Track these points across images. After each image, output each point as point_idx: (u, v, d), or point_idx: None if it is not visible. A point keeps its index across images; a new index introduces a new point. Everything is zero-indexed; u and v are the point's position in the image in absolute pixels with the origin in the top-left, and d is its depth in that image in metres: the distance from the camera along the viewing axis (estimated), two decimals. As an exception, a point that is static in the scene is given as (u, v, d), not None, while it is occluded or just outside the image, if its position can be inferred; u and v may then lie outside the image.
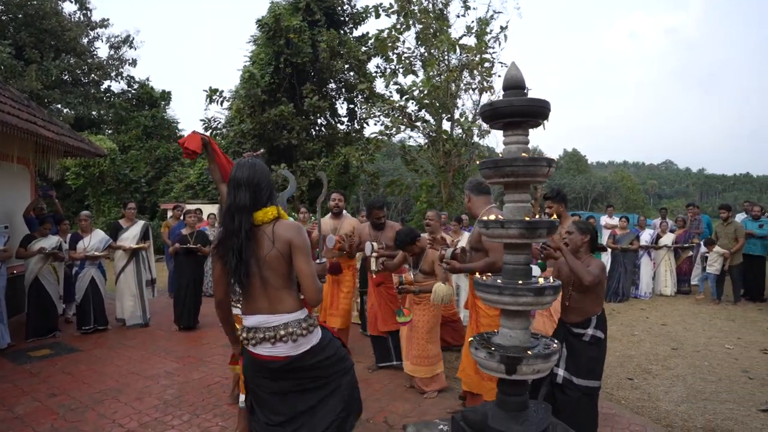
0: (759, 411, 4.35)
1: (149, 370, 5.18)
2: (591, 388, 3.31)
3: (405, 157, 16.39)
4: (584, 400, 3.29)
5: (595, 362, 3.30)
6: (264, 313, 2.33)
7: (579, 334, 3.34)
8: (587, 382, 3.28)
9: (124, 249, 6.91)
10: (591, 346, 3.31)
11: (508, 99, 2.43)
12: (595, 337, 3.30)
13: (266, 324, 2.31)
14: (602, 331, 3.33)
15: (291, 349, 2.31)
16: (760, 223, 9.49)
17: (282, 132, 14.84)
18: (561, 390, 3.35)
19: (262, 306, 2.33)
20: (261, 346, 2.30)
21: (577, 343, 3.34)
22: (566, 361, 3.35)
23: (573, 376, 3.31)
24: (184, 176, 18.05)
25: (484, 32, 14.82)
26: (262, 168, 2.42)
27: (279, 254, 2.27)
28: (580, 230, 3.44)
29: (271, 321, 2.31)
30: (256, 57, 15.31)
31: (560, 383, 3.36)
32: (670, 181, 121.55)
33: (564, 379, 3.35)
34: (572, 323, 3.39)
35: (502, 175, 2.43)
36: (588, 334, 3.31)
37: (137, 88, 23.96)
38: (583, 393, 3.29)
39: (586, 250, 3.45)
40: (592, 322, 3.32)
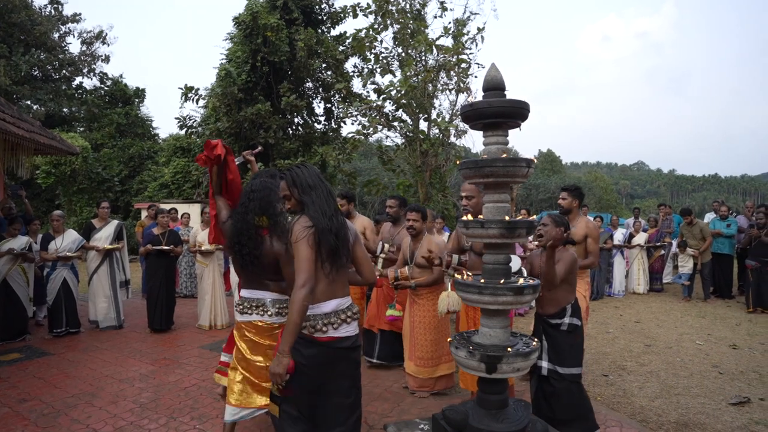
0: (729, 405, 4.47)
1: (124, 373, 5.08)
2: (575, 375, 3.38)
3: (382, 157, 16.38)
4: (573, 387, 3.35)
5: (576, 349, 3.40)
6: (340, 297, 2.48)
7: (556, 325, 3.40)
8: (572, 369, 3.36)
9: (98, 249, 6.77)
10: (569, 334, 3.39)
11: (488, 100, 2.46)
12: (572, 324, 3.38)
13: (343, 305, 2.48)
14: (578, 318, 3.43)
15: (354, 329, 2.51)
16: (727, 222, 9.75)
17: (259, 131, 14.70)
18: (548, 382, 3.40)
19: (339, 290, 2.48)
20: (342, 327, 2.43)
21: (556, 333, 3.41)
22: (548, 352, 3.41)
23: (557, 366, 3.37)
24: (159, 175, 17.78)
25: (461, 33, 14.91)
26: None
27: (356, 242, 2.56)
28: (556, 222, 3.44)
29: (345, 303, 2.50)
30: (232, 55, 15.14)
31: (546, 375, 3.41)
32: (642, 182, 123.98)
33: (549, 370, 3.39)
34: (548, 314, 3.46)
35: (482, 176, 2.45)
36: (565, 323, 3.38)
37: (110, 85, 23.51)
38: (570, 381, 3.35)
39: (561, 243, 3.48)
40: (567, 310, 3.40)
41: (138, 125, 22.67)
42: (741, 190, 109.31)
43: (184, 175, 16.73)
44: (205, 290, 7.06)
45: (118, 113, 22.06)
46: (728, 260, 9.83)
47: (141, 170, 19.46)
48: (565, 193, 4.71)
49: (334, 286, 2.45)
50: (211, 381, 4.82)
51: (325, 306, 2.42)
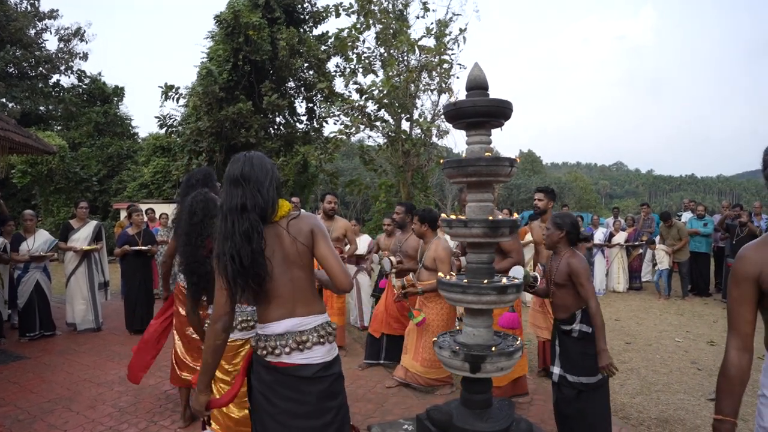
0: (708, 400, 4.56)
1: (102, 376, 5.00)
2: (586, 385, 3.20)
3: (363, 157, 16.38)
4: (584, 397, 3.18)
5: (586, 358, 3.20)
6: (299, 316, 2.11)
7: (567, 331, 3.28)
8: (581, 378, 3.19)
9: (75, 250, 6.63)
10: (579, 341, 3.24)
11: (471, 99, 2.45)
12: (582, 332, 3.24)
13: (300, 327, 2.10)
14: (589, 325, 3.24)
15: (326, 353, 2.12)
16: (704, 222, 9.93)
17: (240, 130, 14.55)
18: (558, 389, 3.30)
19: (297, 308, 2.11)
20: (294, 354, 2.07)
21: (567, 339, 3.29)
22: (560, 358, 3.31)
23: (567, 374, 3.25)
24: (138, 175, 17.53)
25: (443, 34, 14.97)
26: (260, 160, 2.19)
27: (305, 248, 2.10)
28: (556, 225, 3.34)
29: (303, 324, 2.10)
30: (213, 53, 14.95)
31: (556, 381, 3.31)
32: (620, 182, 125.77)
33: (559, 377, 3.29)
34: (560, 320, 3.36)
35: (465, 175, 2.45)
36: (575, 329, 3.24)
37: (88, 83, 23.04)
38: (580, 390, 3.19)
39: (565, 244, 3.34)
40: (577, 316, 3.26)
41: (117, 124, 22.26)
42: (717, 190, 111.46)
43: (164, 175, 16.52)
44: (186, 291, 6.97)
45: (96, 112, 21.64)
46: (705, 258, 10.04)
47: (120, 170, 19.15)
48: (540, 194, 4.82)
49: (289, 304, 2.10)
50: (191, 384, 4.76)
51: (276, 326, 2.10)
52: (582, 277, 3.13)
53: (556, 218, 3.38)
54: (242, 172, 2.10)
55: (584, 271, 3.17)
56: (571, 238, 3.34)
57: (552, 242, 3.34)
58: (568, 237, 3.33)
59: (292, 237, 2.09)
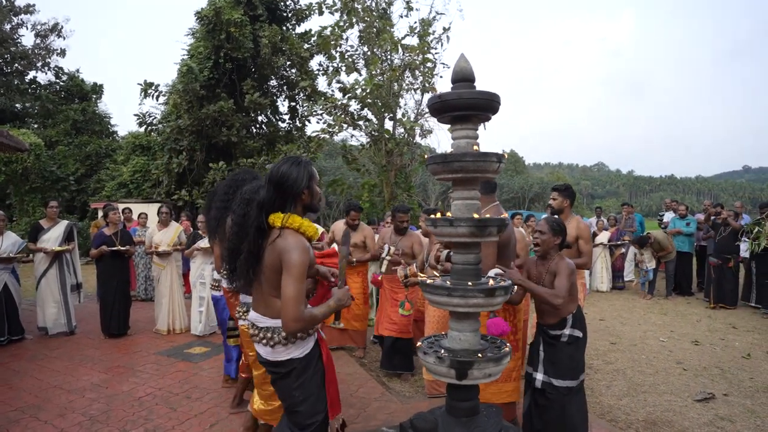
0: (694, 401, 4.52)
1: (74, 383, 4.79)
2: (570, 388, 3.17)
3: (346, 156, 16.27)
4: (567, 400, 3.15)
5: (573, 360, 3.19)
6: (257, 312, 2.38)
7: (556, 336, 3.21)
8: (567, 382, 3.16)
9: (46, 251, 6.38)
10: (569, 345, 3.19)
11: (457, 91, 2.34)
12: (573, 336, 3.20)
13: (257, 322, 2.37)
14: (580, 330, 3.23)
15: (269, 353, 2.33)
16: (687, 221, 9.97)
17: (221, 129, 14.34)
18: (542, 395, 3.21)
19: (257, 305, 2.39)
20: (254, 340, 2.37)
21: (556, 343, 3.21)
22: (544, 364, 3.22)
23: (552, 378, 3.17)
24: (117, 174, 17.17)
25: (427, 33, 14.92)
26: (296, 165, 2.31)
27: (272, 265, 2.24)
28: (553, 231, 3.24)
29: (260, 321, 2.36)
30: (194, 50, 14.71)
31: (539, 387, 3.22)
32: (602, 182, 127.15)
33: (543, 383, 3.20)
34: (548, 325, 3.28)
35: (451, 171, 2.33)
36: (565, 334, 3.19)
37: (66, 80, 22.56)
38: (564, 394, 3.15)
39: (555, 250, 3.29)
40: (568, 321, 3.21)
41: (95, 122, 21.82)
42: (696, 190, 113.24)
43: (144, 174, 16.21)
44: (163, 293, 6.78)
45: (74, 109, 21.19)
46: (688, 258, 10.09)
47: (98, 169, 18.77)
48: (555, 192, 4.54)
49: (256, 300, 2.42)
50: (167, 390, 4.59)
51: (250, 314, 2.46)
52: (561, 274, 3.12)
53: (554, 223, 3.28)
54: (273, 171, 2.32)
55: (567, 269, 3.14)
56: (563, 244, 3.29)
57: (547, 247, 3.25)
58: (561, 243, 3.27)
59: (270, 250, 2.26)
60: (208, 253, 6.59)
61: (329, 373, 2.44)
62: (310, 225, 2.29)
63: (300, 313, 2.12)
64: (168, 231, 6.98)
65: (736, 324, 7.54)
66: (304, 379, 2.31)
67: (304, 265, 2.16)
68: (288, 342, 2.27)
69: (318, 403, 2.34)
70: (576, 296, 3.28)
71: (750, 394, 4.72)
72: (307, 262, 2.20)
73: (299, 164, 2.30)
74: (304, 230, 2.26)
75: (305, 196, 2.31)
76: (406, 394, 4.63)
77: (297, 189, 2.27)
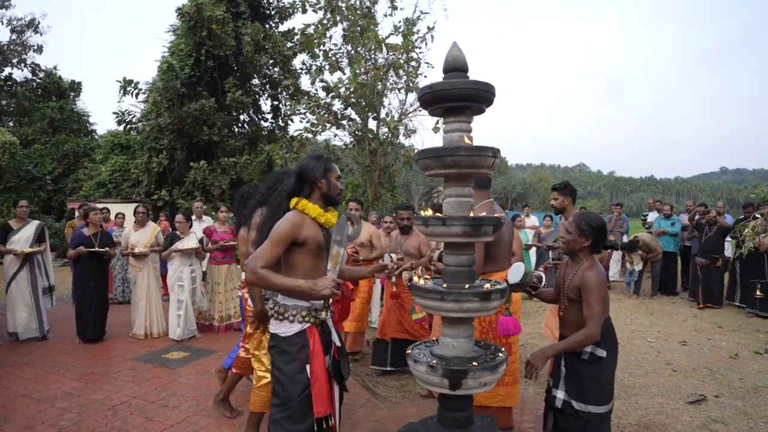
0: (686, 403, 4.45)
1: (44, 391, 4.56)
2: (594, 415, 2.77)
3: (329, 156, 16.06)
4: (590, 428, 2.77)
5: (596, 384, 2.77)
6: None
7: (577, 352, 2.82)
8: (589, 407, 2.76)
9: (15, 253, 6.10)
10: (590, 365, 2.79)
11: (450, 81, 2.19)
12: (594, 355, 2.79)
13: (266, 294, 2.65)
14: (604, 349, 2.80)
15: (271, 325, 2.55)
16: (672, 221, 9.98)
17: (202, 128, 14.07)
18: (559, 416, 2.88)
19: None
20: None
21: (576, 361, 2.82)
22: (565, 381, 2.86)
23: (572, 400, 2.81)
24: (95, 173, 16.78)
25: (411, 32, 14.82)
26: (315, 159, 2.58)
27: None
28: (581, 231, 2.83)
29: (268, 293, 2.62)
30: (175, 48, 14.40)
31: (560, 408, 2.87)
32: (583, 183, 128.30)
33: (563, 402, 2.85)
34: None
35: (444, 166, 2.18)
36: (586, 351, 2.78)
37: (43, 77, 22.02)
38: (586, 420, 2.76)
39: (587, 253, 2.88)
40: None
41: (73, 120, 21.36)
42: (675, 191, 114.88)
43: (123, 174, 15.85)
44: (139, 296, 6.55)
45: (51, 107, 20.72)
46: (673, 258, 10.13)
47: (76, 168, 18.36)
48: (555, 192, 4.35)
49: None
50: (143, 398, 4.39)
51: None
52: (592, 294, 2.72)
53: (581, 222, 2.85)
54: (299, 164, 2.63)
55: (597, 287, 2.73)
56: (597, 246, 2.88)
57: (571, 249, 2.89)
58: (593, 245, 2.86)
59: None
60: (187, 255, 6.39)
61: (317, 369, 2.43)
62: (315, 207, 2.51)
63: (256, 267, 2.33)
64: (144, 231, 6.75)
65: (721, 323, 7.53)
66: (284, 359, 2.46)
67: (284, 234, 2.40)
68: (278, 317, 2.48)
69: (292, 387, 2.41)
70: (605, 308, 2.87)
71: (741, 395, 4.67)
72: (289, 234, 2.41)
73: (318, 158, 2.59)
74: (307, 211, 2.49)
75: (322, 185, 2.54)
76: (393, 399, 4.48)
77: (313, 177, 2.52)
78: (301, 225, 2.44)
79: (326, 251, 2.57)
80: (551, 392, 2.92)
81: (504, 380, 3.30)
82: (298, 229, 2.42)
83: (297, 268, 2.47)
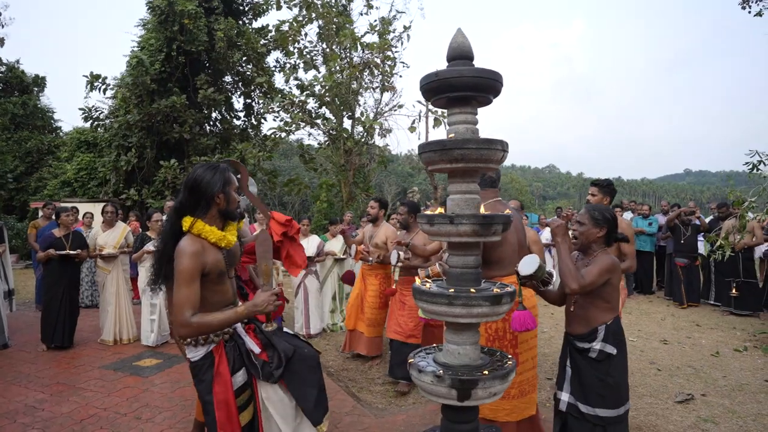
0: (675, 403, 4.43)
1: (5, 405, 4.23)
2: (602, 419, 2.60)
3: (303, 156, 15.87)
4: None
5: (604, 386, 2.62)
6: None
7: (584, 349, 2.68)
8: (597, 410, 2.60)
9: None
10: (598, 364, 2.63)
11: (457, 68, 2.03)
12: (603, 352, 2.64)
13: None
14: (614, 346, 2.64)
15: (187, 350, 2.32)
16: (649, 221, 10.07)
17: (173, 125, 13.68)
18: (566, 421, 2.74)
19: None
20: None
21: (583, 360, 2.68)
22: (570, 382, 2.72)
23: (579, 402, 2.67)
24: (60, 172, 16.20)
25: (387, 31, 14.72)
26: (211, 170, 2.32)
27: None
28: (595, 221, 2.73)
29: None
30: (145, 42, 13.97)
31: (564, 411, 2.74)
32: (553, 184, 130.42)
33: (569, 405, 2.70)
34: (576, 335, 2.76)
35: (451, 160, 2.01)
36: (594, 348, 2.63)
37: (5, 71, 21.16)
38: (594, 424, 2.60)
39: (600, 244, 2.76)
40: (599, 333, 2.66)
41: (37, 117, 20.63)
42: (641, 192, 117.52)
43: (90, 172, 15.31)
44: (108, 300, 6.23)
45: (13, 103, 19.95)
46: (649, 257, 10.23)
47: (40, 166, 17.76)
48: (594, 188, 4.12)
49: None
50: (114, 410, 4.12)
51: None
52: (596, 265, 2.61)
53: (595, 212, 2.76)
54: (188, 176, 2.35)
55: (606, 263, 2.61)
56: (610, 237, 2.77)
57: (586, 241, 2.76)
58: (607, 236, 2.75)
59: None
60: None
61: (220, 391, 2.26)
62: (213, 231, 2.27)
63: (186, 318, 2.12)
64: (113, 232, 6.43)
65: (699, 322, 7.60)
66: (196, 383, 2.32)
67: (192, 269, 2.15)
68: (191, 343, 2.27)
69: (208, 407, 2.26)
70: (614, 304, 2.72)
71: (727, 393, 4.68)
72: (197, 267, 2.17)
73: (215, 169, 2.32)
74: (205, 236, 2.25)
75: (220, 200, 2.30)
76: (379, 406, 4.32)
77: (210, 192, 2.27)
78: (201, 253, 2.20)
79: (227, 274, 2.38)
80: (556, 395, 2.80)
81: (511, 393, 3.09)
82: (200, 257, 2.19)
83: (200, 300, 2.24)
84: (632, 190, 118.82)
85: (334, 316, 7.17)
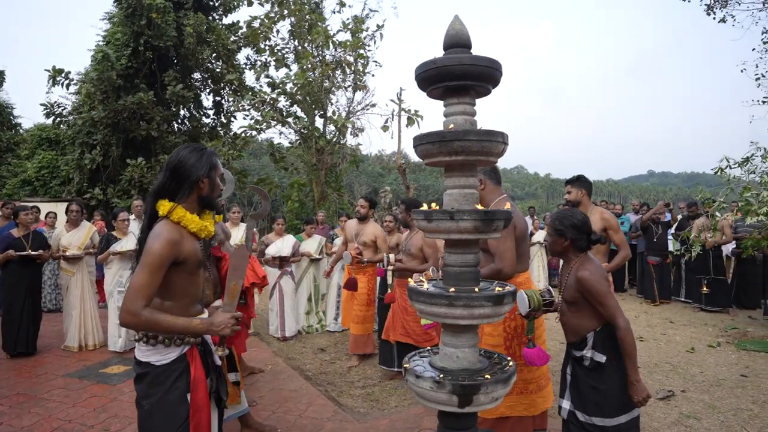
0: (657, 400, 4.44)
1: (-40, 416, 3.98)
2: (599, 428, 2.52)
3: (274, 155, 15.65)
4: None
5: (598, 394, 2.54)
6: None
7: (579, 357, 2.61)
8: (594, 419, 2.53)
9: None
10: (591, 372, 2.55)
11: (456, 56, 1.92)
12: (594, 361, 2.57)
13: None
14: (603, 353, 2.54)
15: (137, 350, 2.16)
16: (621, 220, 10.19)
17: (140, 122, 13.30)
18: (571, 426, 2.66)
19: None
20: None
21: (579, 368, 2.62)
22: (570, 390, 2.67)
23: (577, 411, 2.61)
24: (21, 170, 15.61)
25: (360, 29, 14.62)
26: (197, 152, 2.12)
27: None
28: (557, 232, 2.68)
29: None
30: (111, 36, 13.53)
31: (566, 419, 2.69)
32: (521, 184, 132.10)
33: (569, 413, 2.64)
34: (570, 343, 2.73)
35: (450, 152, 1.89)
36: (586, 356, 2.56)
37: (-41, 66, 20.37)
38: None
39: (575, 252, 2.67)
40: (588, 341, 2.59)
41: (-6, 113, 19.87)
42: (607, 192, 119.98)
43: (52, 171, 14.78)
44: (72, 304, 5.93)
45: (-31, 98, 19.20)
46: (621, 256, 10.31)
47: (-1, 165, 17.06)
48: (568, 185, 4.17)
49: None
50: (79, 421, 3.88)
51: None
52: (599, 295, 2.48)
53: (555, 222, 2.70)
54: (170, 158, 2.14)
55: (598, 284, 2.48)
56: (580, 244, 2.66)
57: (555, 252, 2.74)
58: (575, 244, 2.66)
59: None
60: (126, 258, 5.85)
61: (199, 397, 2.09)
62: (194, 219, 2.07)
63: (137, 308, 1.89)
64: (78, 232, 6.13)
65: (672, 319, 7.70)
66: (156, 391, 2.05)
67: (163, 257, 1.93)
68: (149, 341, 2.06)
69: (169, 420, 2.03)
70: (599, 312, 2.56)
71: (705, 388, 4.73)
72: (168, 257, 1.95)
73: (201, 151, 2.13)
74: (185, 224, 2.05)
75: (204, 185, 2.11)
76: (361, 410, 4.19)
77: (195, 176, 2.07)
78: (179, 242, 1.99)
79: (204, 266, 2.21)
80: (559, 402, 2.76)
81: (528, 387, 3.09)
82: (176, 247, 1.97)
83: (169, 288, 2.03)
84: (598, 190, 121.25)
85: (309, 318, 7.02)
